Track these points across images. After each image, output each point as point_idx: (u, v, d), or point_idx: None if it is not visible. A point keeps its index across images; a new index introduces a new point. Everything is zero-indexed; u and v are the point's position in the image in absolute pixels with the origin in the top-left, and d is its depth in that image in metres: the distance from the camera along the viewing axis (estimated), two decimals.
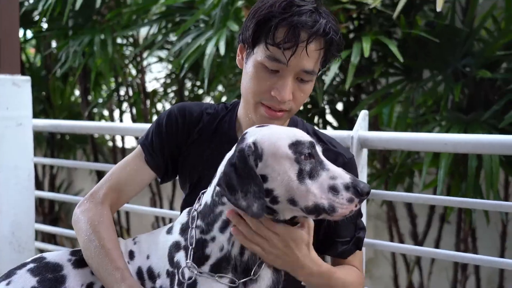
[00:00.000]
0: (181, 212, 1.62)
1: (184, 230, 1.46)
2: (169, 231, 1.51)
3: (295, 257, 1.39)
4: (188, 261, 1.40)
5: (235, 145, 1.41)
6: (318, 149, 1.36)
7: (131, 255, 1.54)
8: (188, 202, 1.63)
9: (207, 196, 1.45)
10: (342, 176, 1.30)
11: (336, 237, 1.56)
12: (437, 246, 3.30)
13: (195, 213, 1.46)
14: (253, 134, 1.37)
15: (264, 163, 1.32)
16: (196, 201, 1.49)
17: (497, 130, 2.60)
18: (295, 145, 1.32)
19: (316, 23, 1.44)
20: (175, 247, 1.45)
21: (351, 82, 2.65)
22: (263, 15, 1.46)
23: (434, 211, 3.32)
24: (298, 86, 1.50)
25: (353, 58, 2.57)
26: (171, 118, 1.65)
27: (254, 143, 1.34)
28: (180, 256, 1.43)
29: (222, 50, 2.80)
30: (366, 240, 2.05)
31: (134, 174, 1.65)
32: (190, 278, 1.39)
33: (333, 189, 1.28)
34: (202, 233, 1.42)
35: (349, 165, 1.59)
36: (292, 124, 1.64)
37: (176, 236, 1.47)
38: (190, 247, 1.41)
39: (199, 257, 1.40)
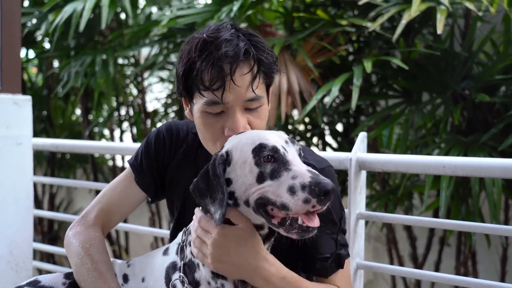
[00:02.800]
0: (170, 239, 1.61)
1: (180, 250, 1.45)
2: (165, 252, 1.50)
3: (240, 256, 1.32)
4: (186, 285, 1.39)
5: None
6: (290, 150, 1.33)
7: (125, 278, 1.53)
8: (176, 229, 1.62)
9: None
10: (303, 176, 1.26)
11: (315, 253, 1.48)
12: (437, 268, 3.28)
13: (189, 229, 1.46)
14: (229, 143, 1.39)
15: (232, 168, 1.35)
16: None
17: (496, 152, 2.60)
18: (257, 149, 1.32)
19: (234, 50, 1.39)
20: (172, 268, 1.45)
21: (348, 104, 2.66)
22: (185, 64, 1.44)
23: (434, 234, 3.30)
24: (251, 115, 1.46)
25: (356, 80, 2.59)
26: (159, 138, 1.65)
27: (227, 152, 1.37)
28: (176, 280, 1.42)
29: None
30: (365, 262, 2.04)
31: (124, 195, 1.64)
32: None
33: (291, 190, 1.25)
34: (191, 253, 1.42)
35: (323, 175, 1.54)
36: None
37: (173, 256, 1.47)
38: (182, 267, 1.41)
39: (190, 282, 1.40)
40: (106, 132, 4.70)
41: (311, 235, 1.27)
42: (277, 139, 1.34)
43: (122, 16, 3.92)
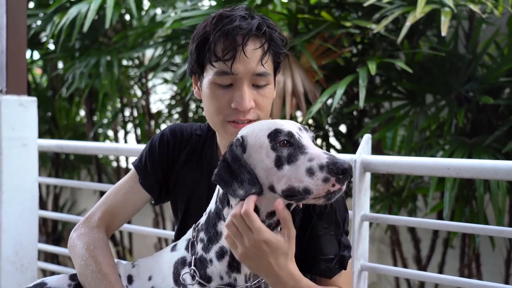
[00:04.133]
0: (175, 241, 1.61)
1: (190, 245, 1.46)
2: (173, 249, 1.50)
3: (269, 264, 1.32)
4: (197, 278, 1.40)
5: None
6: (304, 136, 1.34)
7: (130, 279, 1.53)
8: (180, 230, 1.62)
9: (211, 204, 1.44)
10: (319, 157, 1.27)
11: (319, 254, 1.49)
12: (441, 270, 3.28)
13: (199, 225, 1.46)
14: (243, 130, 1.41)
15: (248, 154, 1.35)
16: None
17: (501, 155, 2.60)
18: (273, 134, 1.33)
19: (248, 25, 1.46)
20: (182, 263, 1.45)
21: (354, 106, 2.66)
22: (200, 37, 1.49)
23: (438, 236, 3.30)
24: (257, 93, 1.49)
25: (361, 81, 2.59)
26: (163, 140, 1.65)
27: (242, 137, 1.38)
28: (186, 275, 1.42)
29: None
30: (369, 264, 2.04)
31: (128, 196, 1.64)
32: None
33: (309, 171, 1.27)
34: (203, 249, 1.42)
35: None
36: None
37: (182, 252, 1.46)
38: (193, 262, 1.41)
39: (201, 277, 1.40)
40: (110, 133, 4.71)
41: (338, 195, 1.29)
42: (291, 125, 1.36)
43: (127, 17, 3.93)
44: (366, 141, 2.06)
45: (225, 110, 1.49)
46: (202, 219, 1.46)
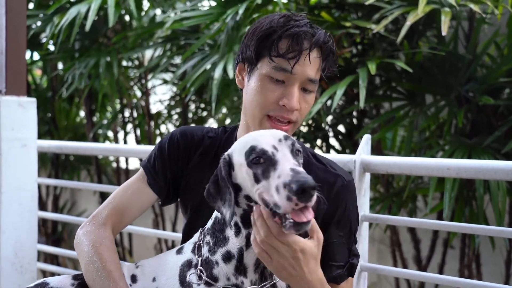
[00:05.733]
0: (183, 235, 1.63)
1: (196, 248, 1.47)
2: (179, 251, 1.51)
3: (302, 272, 1.36)
4: (204, 278, 1.41)
5: None
6: (282, 148, 1.34)
7: (134, 278, 1.54)
8: (190, 226, 1.64)
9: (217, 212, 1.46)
10: (284, 175, 1.28)
11: (331, 261, 1.54)
12: (441, 271, 3.28)
13: (206, 229, 1.48)
14: (231, 148, 1.43)
15: (235, 172, 1.39)
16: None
17: (500, 155, 2.60)
18: (248, 153, 1.35)
19: (315, 34, 1.52)
20: (187, 266, 1.46)
21: (354, 106, 2.66)
22: (264, 30, 1.52)
23: (438, 236, 3.30)
24: (303, 97, 1.55)
25: (361, 81, 2.59)
26: (173, 142, 1.67)
27: (228, 155, 1.41)
28: (192, 275, 1.44)
29: (230, 74, 2.83)
30: (369, 264, 2.05)
31: (136, 196, 1.65)
32: None
33: (277, 188, 1.28)
34: (209, 252, 1.44)
35: (348, 188, 1.58)
36: None
37: (188, 255, 1.48)
38: (200, 263, 1.43)
39: (208, 277, 1.42)
40: (110, 134, 4.71)
41: (306, 228, 1.30)
42: (269, 139, 1.36)
43: (126, 18, 3.93)
44: (365, 141, 2.06)
45: (272, 105, 1.53)
46: (209, 224, 1.48)
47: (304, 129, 3.28)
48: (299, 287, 1.38)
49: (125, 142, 4.54)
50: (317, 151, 3.19)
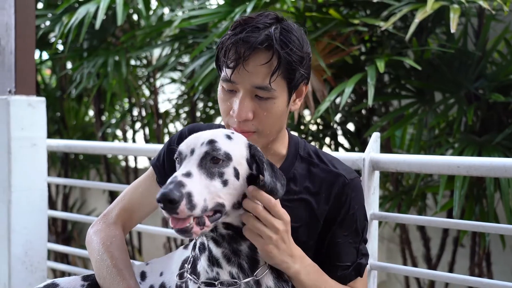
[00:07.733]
0: None
1: (193, 245, 1.48)
2: (185, 247, 1.54)
3: (286, 244, 1.37)
4: (189, 274, 1.42)
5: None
6: (196, 153, 1.32)
7: (143, 275, 1.56)
8: None
9: None
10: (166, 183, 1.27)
11: (336, 261, 1.52)
12: (451, 269, 3.26)
13: None
14: None
15: None
16: None
17: (511, 152, 2.58)
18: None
19: (255, 38, 1.43)
20: (186, 261, 1.48)
21: (363, 104, 2.64)
22: (222, 40, 1.50)
23: (448, 234, 3.28)
24: (258, 105, 1.47)
25: (370, 79, 2.57)
26: (182, 140, 1.67)
27: None
28: (183, 270, 1.46)
29: None
30: (379, 263, 2.04)
31: (146, 195, 1.66)
32: None
33: None
34: (198, 248, 1.45)
35: (351, 186, 1.54)
36: (293, 144, 1.61)
37: (189, 251, 1.50)
38: (190, 260, 1.44)
39: (192, 273, 1.43)
40: (119, 133, 4.73)
41: (184, 236, 1.29)
42: (193, 141, 1.35)
43: (135, 17, 3.94)
44: (374, 139, 2.05)
45: (227, 115, 1.51)
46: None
47: (313, 127, 3.27)
48: (284, 261, 1.38)
49: (134, 141, 4.56)
50: (326, 149, 3.19)
